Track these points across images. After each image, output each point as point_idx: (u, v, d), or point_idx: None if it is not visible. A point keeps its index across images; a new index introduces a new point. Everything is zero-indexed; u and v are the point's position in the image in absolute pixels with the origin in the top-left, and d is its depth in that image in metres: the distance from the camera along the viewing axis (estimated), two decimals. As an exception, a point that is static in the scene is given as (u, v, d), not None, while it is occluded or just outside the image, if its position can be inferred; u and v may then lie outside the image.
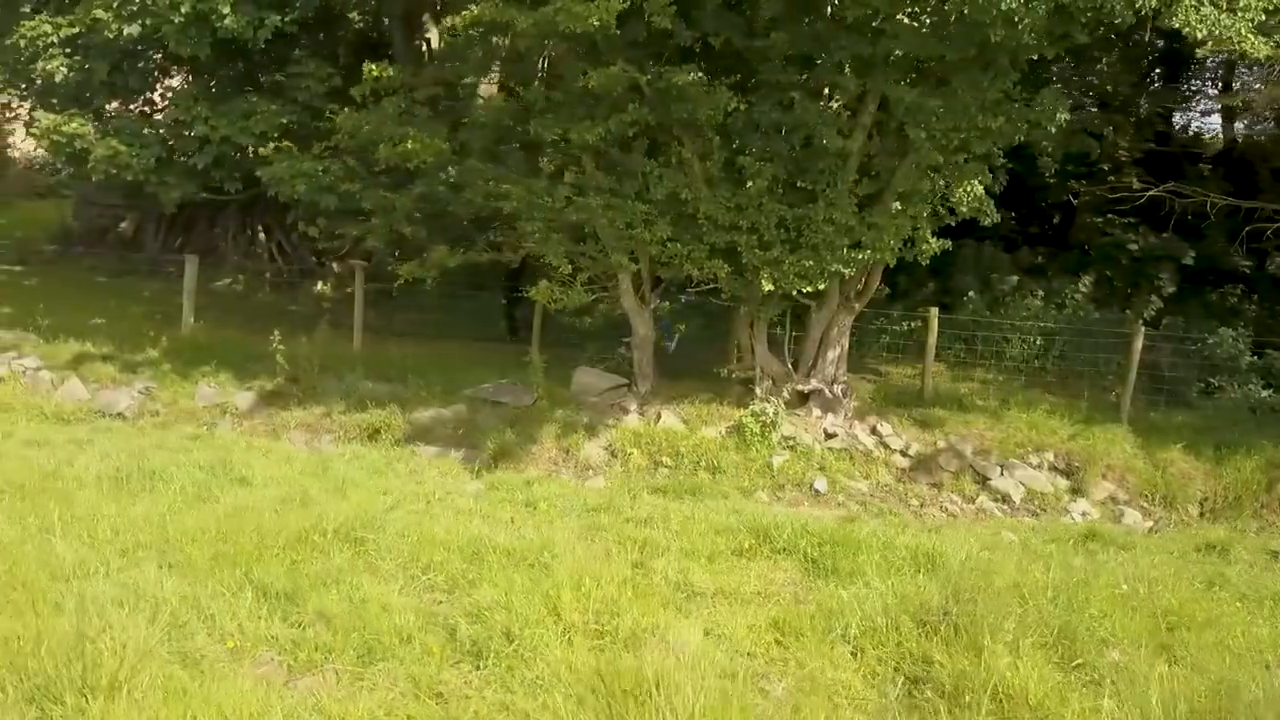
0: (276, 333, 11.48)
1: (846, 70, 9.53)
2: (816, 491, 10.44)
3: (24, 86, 12.30)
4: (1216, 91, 18.53)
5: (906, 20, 8.95)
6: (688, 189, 10.22)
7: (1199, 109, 19.41)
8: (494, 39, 10.28)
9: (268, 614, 4.84)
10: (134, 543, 5.59)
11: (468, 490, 8.16)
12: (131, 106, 11.80)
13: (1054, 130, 9.71)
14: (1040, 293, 14.40)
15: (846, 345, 11.47)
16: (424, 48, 17.06)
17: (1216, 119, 19.56)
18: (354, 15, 15.04)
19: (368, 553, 5.48)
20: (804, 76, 9.85)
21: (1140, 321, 14.41)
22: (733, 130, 10.13)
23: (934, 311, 12.59)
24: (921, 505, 10.47)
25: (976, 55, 8.93)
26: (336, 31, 14.71)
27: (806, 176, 10.04)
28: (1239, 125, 18.83)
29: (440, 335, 14.89)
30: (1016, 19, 8.11)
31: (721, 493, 9.57)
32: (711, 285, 10.67)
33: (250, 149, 11.67)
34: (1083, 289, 14.55)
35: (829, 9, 9.41)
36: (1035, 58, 9.39)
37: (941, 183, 10.11)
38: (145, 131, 11.36)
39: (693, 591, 5.18)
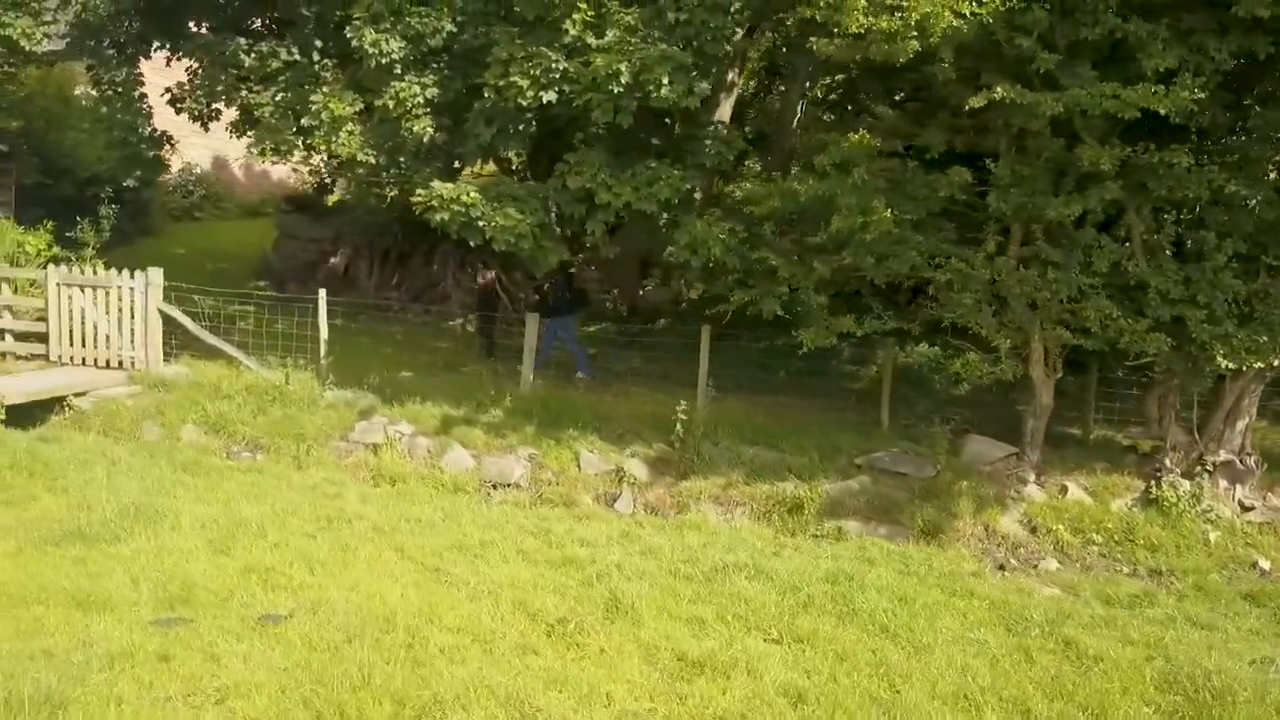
0: (683, 402, 11.27)
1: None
2: (1262, 571, 10.23)
3: (381, 147, 12.03)
4: None
5: None
6: (1132, 262, 10.05)
7: None
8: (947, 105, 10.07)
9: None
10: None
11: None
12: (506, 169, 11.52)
13: None
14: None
15: (1254, 414, 11.26)
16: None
17: None
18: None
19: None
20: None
21: None
22: (1185, 203, 9.96)
23: (1295, 373, 12.40)
24: (1370, 585, 10.26)
25: None
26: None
27: (1270, 252, 9.85)
28: None
29: (736, 388, 14.56)
30: None
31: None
32: (1150, 358, 10.42)
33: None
34: None
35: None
36: None
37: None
38: (527, 197, 11.13)
39: None
